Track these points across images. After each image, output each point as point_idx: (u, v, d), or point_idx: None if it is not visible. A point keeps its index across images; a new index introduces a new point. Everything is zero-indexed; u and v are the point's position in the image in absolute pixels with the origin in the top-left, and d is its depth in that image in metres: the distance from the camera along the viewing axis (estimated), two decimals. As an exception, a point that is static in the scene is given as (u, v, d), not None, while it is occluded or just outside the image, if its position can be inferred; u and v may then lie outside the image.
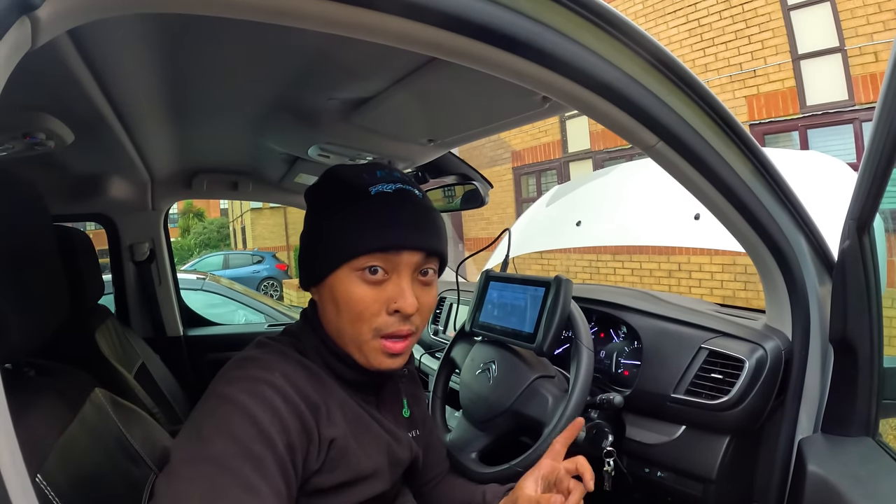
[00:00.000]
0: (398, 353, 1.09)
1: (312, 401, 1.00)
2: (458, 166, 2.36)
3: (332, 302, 1.07)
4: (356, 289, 1.05)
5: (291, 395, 0.96)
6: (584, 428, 1.46)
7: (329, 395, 1.05)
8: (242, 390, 0.93)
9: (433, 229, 1.11)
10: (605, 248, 10.95)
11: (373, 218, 1.05)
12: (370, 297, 1.05)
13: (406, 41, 0.83)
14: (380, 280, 1.05)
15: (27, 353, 0.99)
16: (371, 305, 1.05)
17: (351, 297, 1.05)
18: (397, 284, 1.06)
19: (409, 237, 1.06)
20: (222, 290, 5.83)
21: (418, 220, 1.09)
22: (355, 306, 1.05)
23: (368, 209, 1.05)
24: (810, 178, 1.89)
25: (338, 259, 1.05)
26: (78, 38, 1.06)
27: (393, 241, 1.04)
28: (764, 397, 1.34)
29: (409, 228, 1.07)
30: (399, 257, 1.06)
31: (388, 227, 1.05)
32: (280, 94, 1.53)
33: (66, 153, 1.75)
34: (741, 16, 9.09)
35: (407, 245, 1.06)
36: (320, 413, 1.01)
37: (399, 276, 1.07)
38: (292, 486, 0.94)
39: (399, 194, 1.08)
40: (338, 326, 1.08)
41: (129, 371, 2.17)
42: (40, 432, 0.97)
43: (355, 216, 1.05)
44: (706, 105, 1.09)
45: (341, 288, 1.05)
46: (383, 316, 1.06)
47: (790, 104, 8.67)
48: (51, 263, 1.08)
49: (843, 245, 1.21)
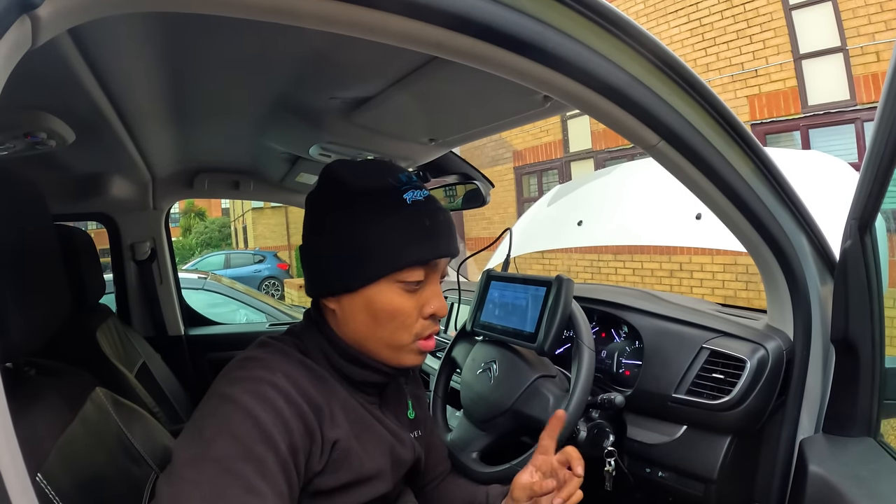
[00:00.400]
0: (429, 350, 1.12)
1: (315, 401, 0.99)
2: (460, 166, 2.36)
3: (368, 313, 1.06)
4: (397, 299, 1.05)
5: (294, 395, 0.95)
6: (585, 427, 1.46)
7: (332, 395, 1.05)
8: (244, 391, 0.92)
9: (454, 234, 1.13)
10: (607, 248, 10.95)
11: (416, 229, 1.05)
12: (410, 306, 1.07)
13: (407, 40, 0.83)
14: (417, 288, 1.07)
15: (28, 353, 0.99)
16: (412, 314, 1.07)
17: (394, 307, 1.05)
18: (432, 290, 1.09)
19: (447, 246, 1.09)
20: (223, 289, 5.82)
21: (449, 228, 1.11)
22: (398, 316, 1.06)
23: (410, 220, 1.05)
24: (812, 178, 1.88)
25: (381, 271, 1.04)
26: (79, 38, 1.06)
27: (437, 252, 1.07)
28: (765, 397, 1.34)
29: (446, 237, 1.09)
30: (437, 265, 1.09)
31: (432, 239, 1.06)
32: (281, 94, 1.53)
33: (68, 152, 1.75)
34: (743, 15, 9.09)
35: (447, 255, 1.09)
36: (323, 414, 1.00)
37: (432, 281, 1.09)
38: (295, 487, 0.93)
39: (430, 202, 1.09)
40: (372, 335, 1.08)
41: (130, 370, 2.17)
42: (41, 432, 0.97)
43: (397, 226, 1.04)
44: (708, 104, 1.09)
45: (382, 299, 1.05)
46: (420, 321, 1.09)
47: (792, 104, 8.67)
48: (52, 263, 1.08)
49: (844, 245, 1.21)
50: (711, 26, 9.52)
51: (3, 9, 0.55)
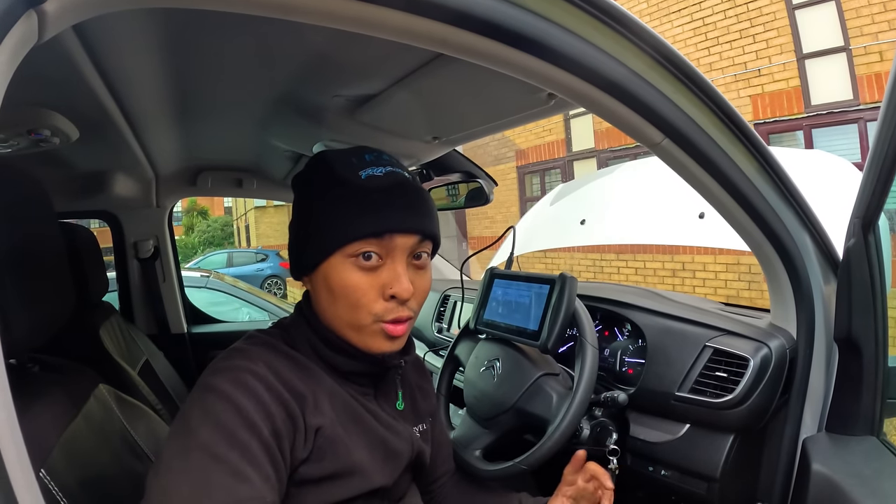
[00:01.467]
0: (398, 335, 1.08)
1: (297, 389, 0.99)
2: (463, 164, 2.36)
3: (327, 290, 1.05)
4: (351, 275, 1.03)
5: (274, 382, 0.95)
6: (588, 426, 1.46)
7: (317, 385, 1.04)
8: (226, 380, 0.93)
9: (426, 212, 1.10)
10: (609, 247, 10.96)
11: (365, 202, 1.03)
12: (366, 284, 1.04)
13: (412, 37, 0.83)
14: (374, 266, 1.04)
15: (32, 349, 0.99)
16: (368, 292, 1.04)
17: (346, 284, 1.03)
18: (392, 269, 1.05)
19: (403, 221, 1.05)
20: (226, 287, 5.84)
21: (411, 203, 1.07)
22: (352, 294, 1.03)
23: (360, 194, 1.03)
24: (815, 177, 1.88)
25: (330, 246, 1.03)
26: (83, 35, 1.06)
27: (387, 225, 1.03)
28: (768, 396, 1.34)
29: (403, 212, 1.05)
30: (393, 242, 1.04)
31: (381, 211, 1.03)
32: (285, 92, 1.53)
33: (71, 150, 1.75)
34: (746, 15, 9.08)
35: (401, 229, 1.04)
36: (306, 401, 1.00)
37: (394, 261, 1.05)
38: (281, 472, 0.93)
39: (390, 177, 1.06)
40: (334, 314, 1.07)
41: (133, 368, 2.17)
42: (44, 428, 0.98)
43: (346, 201, 1.03)
44: (712, 102, 1.09)
45: (335, 275, 1.04)
46: (381, 302, 1.05)
47: (795, 103, 8.66)
48: (55, 260, 1.08)
49: (848, 244, 1.21)
50: (714, 26, 9.52)
51: (9, 4, 0.56)
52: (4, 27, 0.55)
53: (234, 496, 0.84)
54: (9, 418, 0.54)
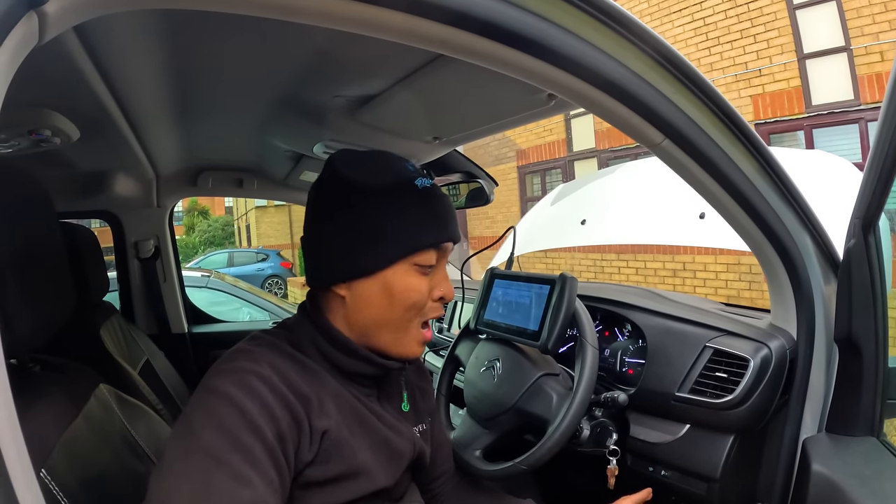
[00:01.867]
0: (429, 340, 1.15)
1: (302, 392, 0.99)
2: (464, 164, 2.36)
3: (385, 294, 1.07)
4: (414, 280, 1.08)
5: (279, 385, 0.95)
6: (588, 426, 1.46)
7: (321, 386, 1.04)
8: (230, 382, 0.93)
9: (457, 220, 1.16)
10: (610, 247, 10.95)
11: (430, 214, 1.08)
12: (425, 288, 1.10)
13: (412, 38, 0.83)
14: (429, 271, 1.10)
15: (32, 349, 1.00)
16: (426, 295, 1.10)
17: (411, 288, 1.07)
18: (440, 273, 1.13)
19: (455, 231, 1.13)
20: (227, 287, 5.83)
21: (454, 213, 1.14)
22: (414, 297, 1.08)
23: (424, 204, 1.08)
24: (816, 178, 1.88)
25: (401, 252, 1.06)
26: (84, 35, 1.06)
27: (448, 235, 1.10)
28: (768, 396, 1.34)
29: (454, 222, 1.13)
30: (446, 249, 1.12)
31: (444, 224, 1.10)
32: (286, 92, 1.53)
33: (72, 150, 1.75)
34: (746, 15, 9.07)
35: (455, 239, 1.12)
36: (311, 404, 1.00)
37: (440, 266, 1.13)
38: (285, 476, 0.93)
39: (436, 188, 1.12)
40: (383, 317, 1.09)
41: (133, 368, 2.17)
42: (45, 428, 0.98)
43: (414, 210, 1.07)
44: (712, 103, 1.09)
45: (401, 281, 1.07)
46: (430, 303, 1.12)
47: (795, 103, 8.65)
48: (56, 260, 1.08)
49: (848, 244, 1.21)
50: (715, 25, 9.50)
51: (10, 5, 0.56)
52: (5, 28, 0.55)
53: (236, 500, 0.84)
54: (9, 418, 0.54)
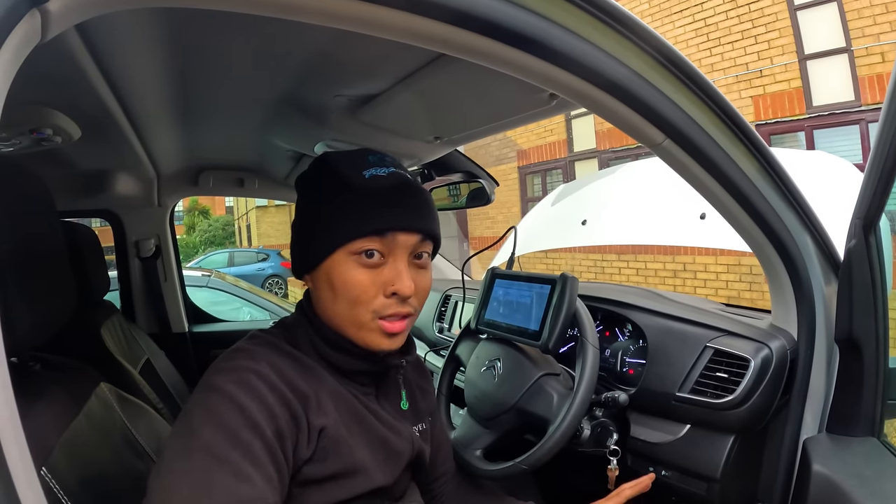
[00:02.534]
0: (396, 332, 1.09)
1: (300, 389, 0.99)
2: (465, 164, 2.36)
3: (329, 287, 1.06)
4: (353, 272, 1.04)
5: (277, 383, 0.96)
6: (588, 426, 1.46)
7: (319, 384, 1.04)
8: (229, 380, 0.93)
9: (427, 212, 1.11)
10: (611, 248, 10.96)
11: (368, 201, 1.04)
12: (367, 281, 1.04)
13: (414, 37, 0.83)
14: (376, 264, 1.05)
15: (33, 348, 1.00)
16: (369, 289, 1.05)
17: (348, 280, 1.04)
18: (394, 267, 1.06)
19: (406, 219, 1.06)
20: (227, 287, 5.83)
21: (413, 203, 1.09)
22: (353, 290, 1.04)
23: (363, 193, 1.05)
24: (817, 178, 1.88)
25: (333, 243, 1.04)
26: (86, 34, 1.06)
27: (390, 223, 1.04)
28: (769, 396, 1.34)
29: (405, 210, 1.07)
30: (395, 240, 1.05)
31: (384, 210, 1.05)
32: (287, 91, 1.53)
33: (73, 149, 1.75)
34: (748, 15, 9.08)
35: (403, 227, 1.06)
36: (309, 401, 1.00)
37: (395, 259, 1.07)
38: (283, 473, 0.93)
39: (393, 177, 1.08)
40: (334, 311, 1.07)
41: (134, 367, 2.17)
42: (46, 426, 0.98)
43: (350, 200, 1.05)
44: (713, 103, 1.09)
45: (338, 272, 1.05)
46: (381, 298, 1.06)
47: (796, 104, 8.66)
48: (57, 259, 1.08)
49: (849, 245, 1.21)
50: (716, 26, 9.51)
51: (13, 2, 0.56)
52: (7, 26, 0.56)
53: (236, 497, 0.84)
54: (11, 417, 0.54)
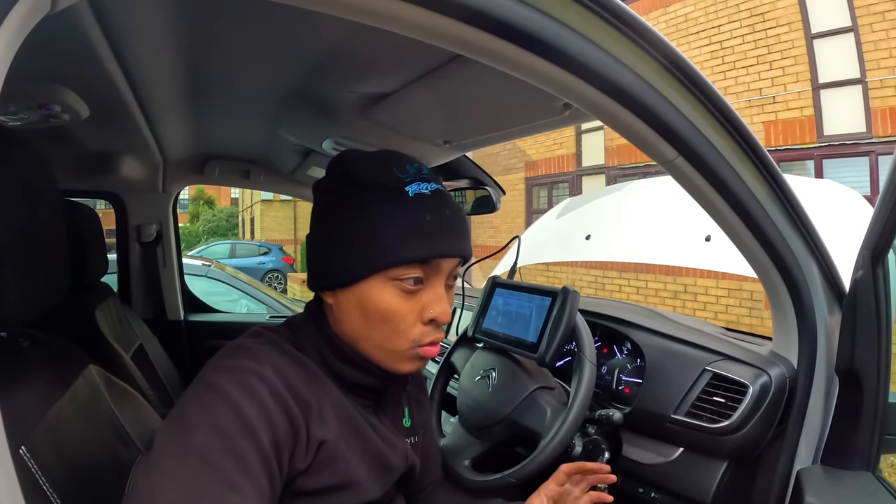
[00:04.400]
0: (432, 357, 1.06)
1: (303, 398, 0.95)
2: (472, 170, 2.35)
3: (360, 310, 1.01)
4: (391, 299, 0.99)
5: (280, 389, 0.92)
6: (580, 443, 1.44)
7: (323, 394, 1.00)
8: (230, 380, 0.89)
9: (467, 234, 1.07)
10: (612, 265, 10.96)
11: (415, 224, 0.99)
12: (406, 309, 1.01)
13: (433, 36, 0.82)
14: (416, 290, 1.01)
15: (24, 323, 0.98)
16: (408, 317, 1.01)
17: (386, 308, 0.99)
18: (433, 293, 1.02)
19: (452, 246, 1.02)
20: (226, 278, 5.83)
21: (457, 226, 1.04)
22: (391, 319, 1.00)
23: (409, 213, 0.99)
24: (825, 207, 1.87)
25: (374, 266, 0.98)
26: (99, 12, 1.05)
27: (438, 251, 1.00)
28: (765, 424, 1.32)
29: (451, 236, 1.02)
30: (438, 266, 1.02)
31: (433, 236, 0.99)
32: (299, 84, 1.52)
33: (80, 128, 1.75)
34: (764, 41, 9.09)
35: (449, 254, 1.02)
36: (311, 412, 0.96)
37: (434, 284, 1.03)
38: (276, 484, 0.90)
39: (437, 197, 1.03)
40: (364, 335, 1.03)
41: (126, 351, 2.17)
42: (29, 405, 0.96)
43: (394, 220, 0.98)
44: (728, 123, 1.08)
45: (374, 297, 0.99)
46: (419, 326, 1.02)
47: (807, 132, 8.66)
48: (56, 236, 1.07)
49: (856, 275, 1.20)
50: (732, 50, 9.53)
51: (21, -31, 0.55)
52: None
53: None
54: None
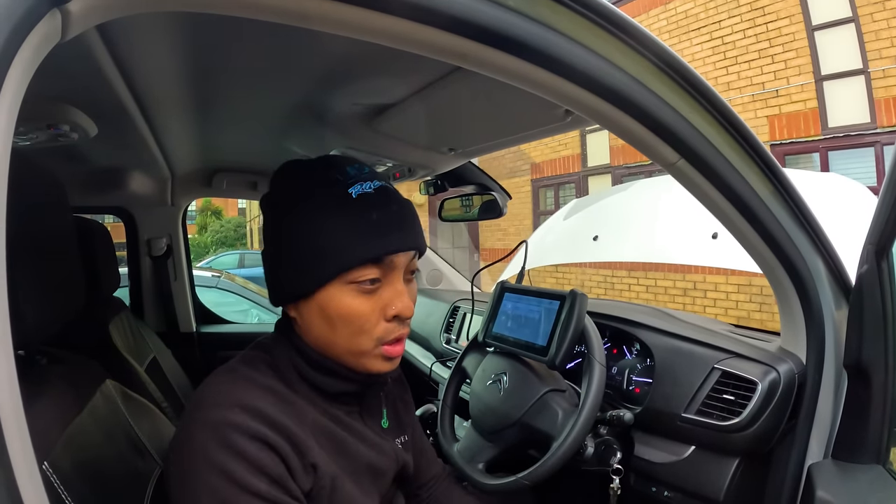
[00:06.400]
0: (398, 355, 1.07)
1: (282, 426, 0.95)
2: (478, 176, 2.36)
3: (323, 318, 1.02)
4: (352, 302, 1.01)
5: (257, 428, 0.92)
6: (592, 444, 1.45)
7: (301, 421, 0.99)
8: (209, 441, 0.90)
9: (417, 225, 1.08)
10: (621, 264, 10.92)
11: (363, 225, 1.00)
12: (368, 308, 1.02)
13: (432, 50, 0.83)
14: (375, 288, 1.02)
15: (40, 341, 1.00)
16: (370, 317, 1.02)
17: (349, 311, 1.01)
18: (392, 289, 1.04)
19: (403, 240, 1.03)
20: (237, 288, 5.84)
21: (405, 220, 1.05)
22: (355, 321, 1.01)
23: (355, 215, 1.00)
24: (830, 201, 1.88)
25: (329, 273, 1.00)
26: (105, 33, 1.06)
27: (389, 248, 1.01)
28: (775, 420, 1.33)
29: (401, 231, 1.03)
30: (393, 262, 1.03)
31: (382, 235, 1.01)
32: (304, 97, 1.54)
33: (89, 146, 1.77)
34: (765, 35, 9.05)
35: (402, 249, 1.03)
36: (294, 437, 0.96)
37: (393, 280, 1.04)
38: None
39: (382, 194, 1.04)
40: (331, 341, 1.04)
41: (140, 364, 2.18)
42: (49, 420, 0.98)
43: (342, 224, 0.99)
44: (728, 123, 1.08)
45: (335, 303, 1.01)
46: (382, 324, 1.03)
47: (812, 125, 8.62)
48: (69, 253, 1.09)
49: (861, 270, 1.20)
50: (733, 45, 9.49)
51: (34, 2, 0.56)
52: (28, 25, 0.56)
53: None
54: (15, 410, 0.54)
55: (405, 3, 0.75)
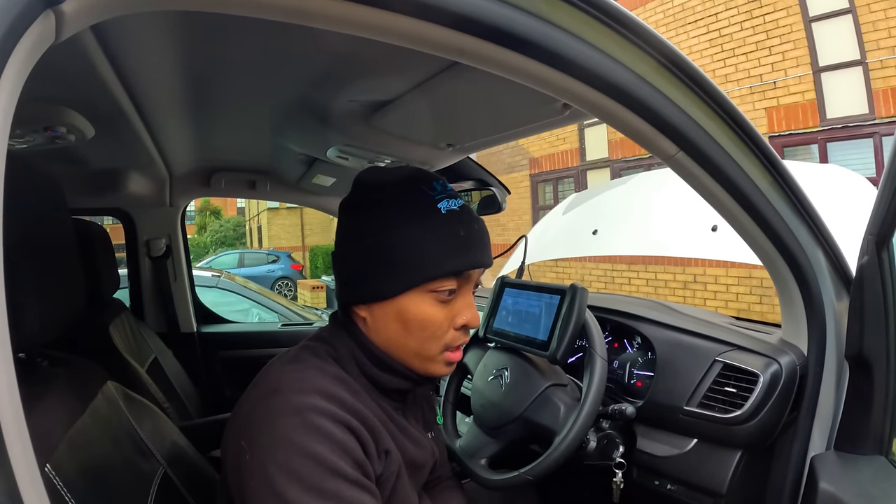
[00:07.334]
0: (457, 361, 1.13)
1: (357, 411, 0.99)
2: (477, 171, 2.35)
3: (399, 321, 1.06)
4: (430, 309, 1.06)
5: (337, 412, 0.95)
6: (594, 438, 1.45)
7: (370, 410, 1.04)
8: (296, 427, 0.92)
9: (489, 244, 1.13)
10: (621, 258, 10.91)
11: (450, 239, 1.05)
12: (442, 316, 1.07)
13: (429, 46, 0.83)
14: (450, 299, 1.07)
15: (41, 344, 1.00)
16: (443, 324, 1.07)
17: (425, 317, 1.05)
18: (464, 300, 1.09)
19: (483, 257, 1.09)
20: (237, 288, 5.85)
21: (484, 238, 1.11)
22: (429, 327, 1.06)
23: (444, 229, 1.05)
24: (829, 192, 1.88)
25: (415, 280, 1.04)
26: (100, 33, 1.06)
27: (472, 263, 1.07)
28: (777, 412, 1.33)
29: (480, 248, 1.09)
30: (469, 276, 1.08)
31: (467, 249, 1.06)
32: (301, 95, 1.53)
33: (86, 147, 1.76)
34: (762, 27, 9.03)
35: (483, 265, 1.09)
36: (367, 422, 1.00)
37: (464, 292, 1.09)
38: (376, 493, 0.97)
39: (465, 212, 1.09)
40: (401, 343, 1.08)
41: (141, 365, 2.18)
42: (51, 423, 0.98)
43: (431, 237, 1.04)
44: (727, 115, 1.08)
45: (413, 309, 1.05)
46: (451, 332, 1.09)
47: (810, 117, 8.60)
48: (68, 256, 1.09)
49: (861, 261, 1.20)
50: (731, 37, 9.47)
51: (27, 3, 0.56)
52: (22, 26, 0.56)
53: None
54: (15, 413, 0.54)
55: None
